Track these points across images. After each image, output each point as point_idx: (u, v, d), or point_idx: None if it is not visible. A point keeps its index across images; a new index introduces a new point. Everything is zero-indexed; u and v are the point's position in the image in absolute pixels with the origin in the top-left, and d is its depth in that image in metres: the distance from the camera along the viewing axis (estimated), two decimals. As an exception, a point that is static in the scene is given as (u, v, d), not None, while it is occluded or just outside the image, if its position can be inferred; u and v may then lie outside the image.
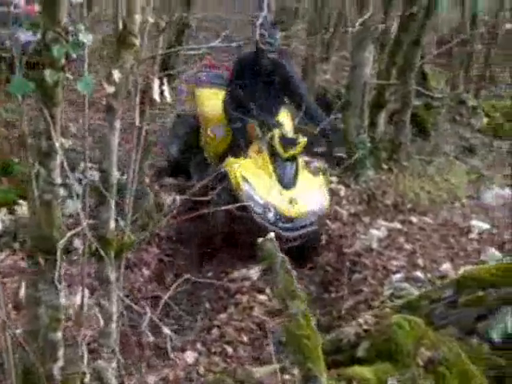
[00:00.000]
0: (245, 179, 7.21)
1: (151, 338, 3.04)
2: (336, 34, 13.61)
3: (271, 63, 7.96)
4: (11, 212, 7.02)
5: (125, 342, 3.56)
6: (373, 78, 9.83)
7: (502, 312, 4.03)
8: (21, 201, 7.05)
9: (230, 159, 7.46)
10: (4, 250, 6.57)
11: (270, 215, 7.15)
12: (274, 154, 7.53)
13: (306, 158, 8.19)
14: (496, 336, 4.02)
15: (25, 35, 9.17)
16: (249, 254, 6.58)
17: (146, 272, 6.69)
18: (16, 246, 6.59)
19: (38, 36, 5.21)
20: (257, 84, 8.01)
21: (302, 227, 7.28)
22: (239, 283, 6.62)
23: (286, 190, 7.37)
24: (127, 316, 3.84)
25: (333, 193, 8.61)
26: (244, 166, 7.38)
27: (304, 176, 7.65)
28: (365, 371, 3.67)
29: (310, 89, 10.69)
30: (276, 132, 7.56)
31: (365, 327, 3.94)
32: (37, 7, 8.82)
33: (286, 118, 8.40)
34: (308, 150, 7.96)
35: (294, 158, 7.60)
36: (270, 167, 7.46)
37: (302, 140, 7.58)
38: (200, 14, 13.14)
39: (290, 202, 7.26)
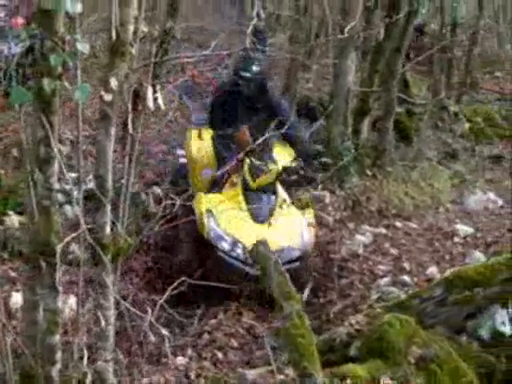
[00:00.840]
0: (210, 214, 6.63)
1: (152, 338, 3.08)
2: (318, 43, 13.70)
3: (253, 87, 7.56)
4: (0, 222, 7.05)
5: (119, 345, 3.61)
6: (356, 86, 9.91)
7: (491, 310, 4.11)
8: (10, 212, 7.08)
9: (201, 194, 6.99)
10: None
11: (239, 252, 6.51)
12: (246, 185, 6.93)
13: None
14: (485, 334, 4.10)
15: (9, 48, 9.21)
16: (222, 293, 6.17)
17: (135, 280, 6.74)
18: (5, 255, 6.62)
19: (20, 49, 5.26)
20: (238, 110, 7.57)
21: None
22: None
23: (258, 225, 6.75)
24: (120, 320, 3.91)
25: (318, 199, 8.70)
26: (212, 200, 6.87)
27: (284, 209, 6.99)
28: (358, 369, 3.73)
29: (292, 97, 10.77)
30: (246, 160, 6.93)
31: (357, 327, 4.01)
32: (20, 20, 8.83)
33: (281, 148, 7.66)
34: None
35: (270, 189, 7.02)
36: (242, 199, 6.87)
37: (274, 168, 6.97)
38: (183, 24, 13.18)
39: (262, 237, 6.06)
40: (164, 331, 3.11)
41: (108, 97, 3.02)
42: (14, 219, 7.00)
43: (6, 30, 9.82)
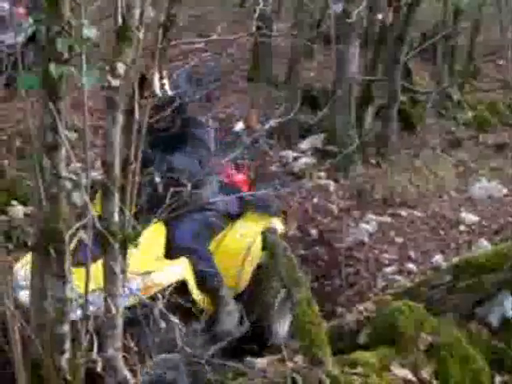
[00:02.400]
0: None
1: (163, 325, 3.06)
2: (320, 31, 13.64)
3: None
4: (4, 213, 7.04)
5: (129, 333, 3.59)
6: (359, 74, 9.88)
7: (500, 296, 4.10)
8: (14, 202, 7.06)
9: None
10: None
11: None
12: None
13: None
14: (494, 320, 4.09)
15: (10, 38, 9.18)
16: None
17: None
18: (10, 246, 6.60)
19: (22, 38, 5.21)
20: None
21: None
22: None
23: None
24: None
25: (322, 188, 8.69)
26: None
27: None
28: (367, 356, 3.72)
29: (295, 86, 10.71)
30: None
31: (365, 314, 3.99)
32: (21, 10, 8.80)
33: None
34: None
35: None
36: None
37: None
38: (185, 11, 13.14)
39: None
40: (174, 319, 3.08)
41: (115, 82, 2.98)
42: (18, 209, 6.99)
43: (7, 19, 9.81)
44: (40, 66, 2.88)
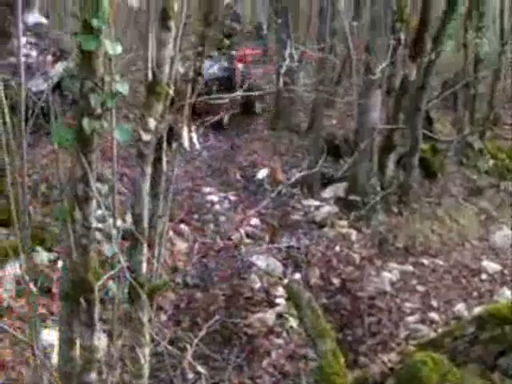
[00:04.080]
0: None
1: (190, 376, 3.08)
2: (341, 81, 13.77)
3: None
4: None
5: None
6: (381, 123, 9.93)
7: (523, 348, 4.10)
8: (38, 248, 7.11)
9: None
10: (22, 296, 6.61)
11: None
12: None
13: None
14: (517, 371, 4.09)
15: (36, 85, 9.33)
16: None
17: (163, 317, 6.76)
18: (34, 291, 6.61)
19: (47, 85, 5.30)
20: None
21: None
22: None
23: None
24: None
25: (344, 237, 8.72)
26: None
27: None
28: (392, 408, 3.74)
29: (318, 135, 10.79)
30: None
31: (389, 365, 4.01)
32: (49, 58, 8.95)
33: None
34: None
35: None
36: None
37: None
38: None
39: None
40: (202, 370, 3.11)
41: (146, 137, 3.06)
42: (42, 255, 7.04)
43: (34, 67, 9.97)
44: (66, 116, 2.95)
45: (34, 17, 10.62)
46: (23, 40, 9.95)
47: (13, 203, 3.30)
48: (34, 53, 10.22)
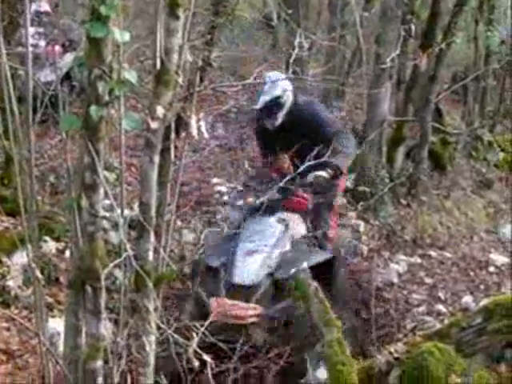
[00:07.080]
0: None
1: (196, 364, 3.08)
2: (350, 72, 13.74)
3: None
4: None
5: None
6: (390, 115, 9.91)
7: (530, 339, 4.09)
8: (46, 237, 7.11)
9: None
10: (29, 285, 6.62)
11: None
12: None
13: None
14: (524, 363, 4.08)
15: (45, 75, 9.31)
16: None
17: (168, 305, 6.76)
18: (42, 281, 6.63)
19: (55, 76, 5.32)
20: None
21: None
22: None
23: None
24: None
25: (352, 228, 8.70)
26: None
27: None
28: (398, 398, 3.73)
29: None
30: None
31: (395, 355, 4.00)
32: (57, 48, 8.92)
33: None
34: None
35: None
36: None
37: None
38: (218, 53, 13.28)
39: None
40: (207, 358, 3.11)
41: (154, 125, 3.05)
42: (50, 245, 7.05)
43: (43, 57, 9.96)
44: (75, 105, 2.96)
45: (43, 6, 10.62)
46: (31, 30, 9.96)
47: (20, 193, 3.31)
48: (42, 43, 10.22)
